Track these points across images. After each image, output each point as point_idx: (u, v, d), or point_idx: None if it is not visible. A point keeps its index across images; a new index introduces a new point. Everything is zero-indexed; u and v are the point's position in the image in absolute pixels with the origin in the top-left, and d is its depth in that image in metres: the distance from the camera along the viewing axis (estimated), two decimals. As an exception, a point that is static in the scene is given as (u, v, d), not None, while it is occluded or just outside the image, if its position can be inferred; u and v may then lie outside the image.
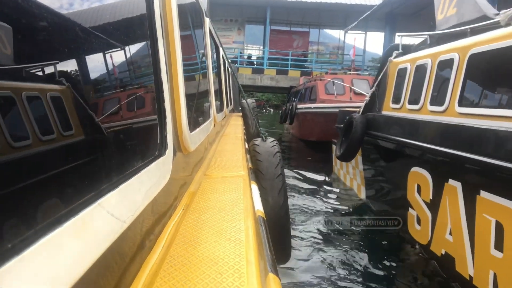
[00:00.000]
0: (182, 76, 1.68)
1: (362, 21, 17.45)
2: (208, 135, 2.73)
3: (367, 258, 4.22)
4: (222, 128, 4.64)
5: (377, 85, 5.93)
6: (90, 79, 0.85)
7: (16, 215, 0.51)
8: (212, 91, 3.51)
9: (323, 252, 4.28)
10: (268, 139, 2.74)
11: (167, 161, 1.27)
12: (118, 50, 1.04)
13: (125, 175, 0.89)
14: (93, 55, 0.86)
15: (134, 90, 1.19)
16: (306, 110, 12.23)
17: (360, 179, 6.42)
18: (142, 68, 1.29)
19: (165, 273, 0.97)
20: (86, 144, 0.80)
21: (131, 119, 1.12)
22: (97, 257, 0.67)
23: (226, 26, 22.95)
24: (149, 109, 1.28)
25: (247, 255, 1.08)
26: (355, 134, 5.42)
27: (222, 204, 1.56)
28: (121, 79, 1.09)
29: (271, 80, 19.73)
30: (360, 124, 5.43)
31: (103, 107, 0.92)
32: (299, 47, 24.00)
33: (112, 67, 1.02)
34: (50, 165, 0.65)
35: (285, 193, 2.44)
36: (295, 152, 13.07)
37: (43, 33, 0.63)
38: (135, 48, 1.23)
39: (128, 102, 1.12)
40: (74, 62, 0.77)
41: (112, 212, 0.76)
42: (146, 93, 1.29)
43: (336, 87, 11.81)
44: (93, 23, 0.86)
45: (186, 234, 1.23)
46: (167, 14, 1.54)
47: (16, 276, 0.45)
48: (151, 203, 1.05)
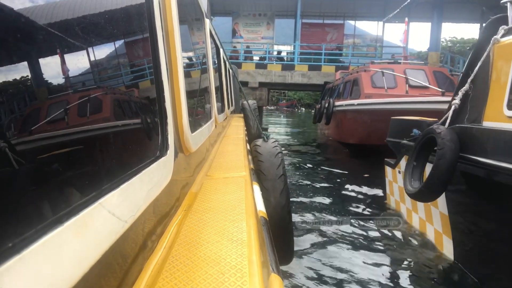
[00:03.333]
0: (183, 77, 1.68)
1: (404, 10, 15.06)
2: (209, 136, 2.73)
3: (373, 263, 4.04)
4: (223, 129, 4.64)
5: (472, 81, 3.90)
6: (90, 78, 0.85)
7: (16, 214, 0.51)
8: (213, 92, 3.52)
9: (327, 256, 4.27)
10: (270, 140, 2.74)
11: (168, 161, 1.27)
12: (118, 50, 1.04)
13: (126, 175, 0.89)
14: (95, 55, 0.86)
15: (134, 90, 1.19)
16: (347, 108, 10.29)
17: (441, 226, 4.18)
18: (143, 69, 1.28)
19: (168, 273, 0.97)
20: (88, 143, 0.80)
21: (132, 119, 1.12)
22: (99, 257, 0.67)
23: (255, 21, 22.02)
24: (150, 109, 1.28)
25: (250, 255, 1.07)
26: (443, 161, 3.40)
27: (224, 205, 1.55)
28: (121, 79, 1.09)
29: (303, 76, 18.07)
30: (451, 144, 3.43)
31: (104, 106, 0.92)
32: (333, 40, 22.23)
33: (113, 67, 1.02)
34: (51, 164, 0.64)
35: (288, 193, 2.43)
36: (336, 162, 10.36)
37: (42, 30, 0.63)
38: (135, 49, 1.23)
39: (129, 102, 1.12)
40: (77, 60, 0.77)
41: (114, 211, 0.75)
42: (147, 93, 1.29)
43: (386, 78, 9.41)
44: (98, 24, 0.86)
45: (188, 235, 1.22)
46: (167, 15, 1.55)
47: (16, 275, 0.45)
48: (152, 203, 1.05)
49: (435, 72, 10.01)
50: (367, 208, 6.04)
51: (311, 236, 4.76)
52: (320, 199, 6.55)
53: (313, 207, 6.08)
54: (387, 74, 9.47)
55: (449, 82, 9.56)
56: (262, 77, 18.21)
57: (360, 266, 4.01)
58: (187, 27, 2.29)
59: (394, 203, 5.71)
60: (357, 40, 23.19)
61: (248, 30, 22.24)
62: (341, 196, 6.81)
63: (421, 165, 4.06)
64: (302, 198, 6.50)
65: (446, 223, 4.07)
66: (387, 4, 19.60)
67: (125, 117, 1.06)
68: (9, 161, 0.52)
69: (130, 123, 1.10)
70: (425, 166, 4.05)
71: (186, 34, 2.24)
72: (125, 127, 1.03)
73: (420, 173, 4.05)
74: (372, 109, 8.80)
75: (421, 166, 4.06)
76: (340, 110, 10.92)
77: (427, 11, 16.47)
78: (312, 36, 21.98)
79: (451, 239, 4.00)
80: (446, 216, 4.03)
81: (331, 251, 4.37)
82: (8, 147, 0.55)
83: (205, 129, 2.47)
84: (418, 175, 4.03)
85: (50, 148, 0.65)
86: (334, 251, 4.38)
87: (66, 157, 0.70)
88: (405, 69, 9.95)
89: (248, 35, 22.13)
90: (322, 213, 5.82)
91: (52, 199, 0.62)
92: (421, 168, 4.07)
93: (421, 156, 4.06)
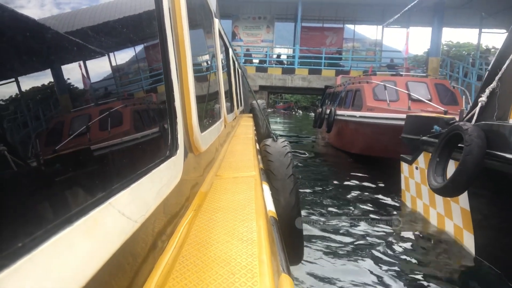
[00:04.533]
0: (192, 77, 1.68)
1: (404, 14, 15.04)
2: (219, 136, 2.73)
3: (390, 260, 4.03)
4: (232, 129, 4.64)
5: (500, 79, 3.99)
6: (100, 81, 0.85)
7: (26, 213, 0.51)
8: (222, 92, 3.51)
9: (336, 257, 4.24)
10: (279, 139, 2.72)
11: (178, 161, 1.26)
12: (128, 52, 1.03)
13: (136, 174, 0.89)
14: (105, 57, 0.86)
15: (144, 91, 1.19)
16: (349, 118, 10.36)
17: (461, 220, 4.30)
18: (153, 69, 1.28)
19: (178, 274, 0.97)
20: (97, 143, 0.80)
21: (142, 118, 1.12)
22: (109, 257, 0.66)
23: (255, 24, 22.15)
24: (160, 109, 1.28)
25: (260, 255, 1.06)
26: (470, 157, 3.47)
27: (234, 205, 1.55)
28: (132, 80, 1.09)
29: (303, 80, 18.32)
30: (478, 140, 3.49)
31: (115, 106, 0.92)
32: (333, 44, 22.48)
33: (127, 70, 1.02)
34: (61, 164, 0.64)
35: (297, 193, 2.42)
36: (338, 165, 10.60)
37: (52, 36, 0.63)
38: (145, 50, 1.23)
39: (139, 102, 1.12)
40: (93, 65, 0.77)
41: (124, 211, 0.75)
42: (157, 93, 1.29)
43: (388, 91, 9.41)
44: (112, 29, 0.86)
45: (198, 234, 1.22)
46: (176, 15, 1.54)
47: (25, 275, 0.44)
48: (162, 203, 1.05)
49: (437, 84, 10.07)
50: (377, 207, 6.10)
51: (320, 236, 4.74)
52: (327, 200, 6.56)
53: (320, 208, 6.07)
54: (389, 88, 9.51)
55: (450, 95, 9.74)
56: (263, 81, 18.33)
57: (374, 264, 4.01)
58: (196, 27, 2.29)
59: (410, 199, 5.72)
60: (356, 44, 23.42)
61: (248, 33, 22.32)
62: (348, 197, 6.85)
63: (444, 161, 4.15)
64: (308, 199, 6.48)
65: (467, 218, 4.12)
66: (386, 9, 19.87)
67: (135, 117, 1.06)
68: (19, 161, 0.52)
69: (140, 123, 1.09)
70: (448, 162, 4.15)
71: (195, 34, 2.24)
72: (134, 127, 1.03)
73: (443, 169, 4.16)
74: (374, 123, 8.90)
75: (444, 162, 4.16)
76: (342, 120, 11.00)
77: (427, 16, 16.67)
78: (311, 39, 22.23)
79: (472, 234, 4.05)
80: (468, 211, 4.09)
81: (342, 249, 4.35)
82: (19, 147, 0.55)
83: (214, 128, 2.46)
84: (441, 170, 4.14)
85: (60, 148, 0.65)
86: (345, 249, 4.36)
87: (76, 157, 0.70)
88: (407, 81, 10.01)
89: (248, 38, 22.24)
90: (330, 213, 5.82)
91: (62, 198, 0.62)
92: (444, 164, 4.17)
93: (445, 152, 4.16)
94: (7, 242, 0.44)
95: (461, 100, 9.55)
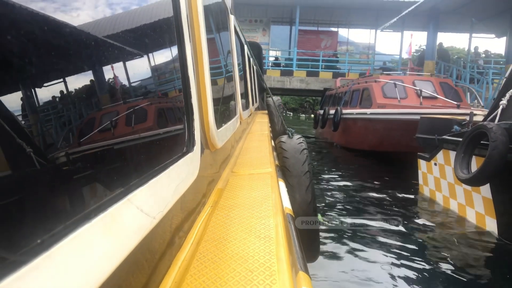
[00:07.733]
0: (209, 74, 1.67)
1: (400, 19, 15.64)
2: (234, 132, 2.72)
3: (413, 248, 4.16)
4: (248, 126, 4.63)
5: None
6: (122, 81, 0.85)
7: (45, 210, 0.50)
8: (238, 89, 3.51)
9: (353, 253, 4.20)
10: (295, 136, 2.70)
11: (195, 157, 1.26)
12: (143, 55, 1.03)
13: (154, 171, 0.89)
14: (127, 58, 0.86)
15: (162, 89, 1.19)
16: (358, 116, 10.65)
17: (483, 208, 4.89)
18: (171, 68, 1.28)
19: (195, 270, 0.96)
20: (119, 140, 0.80)
21: (159, 116, 1.12)
22: (127, 254, 0.66)
23: (251, 27, 22.32)
24: (177, 106, 1.28)
25: (278, 252, 1.05)
26: (496, 151, 4.03)
27: (250, 201, 1.54)
28: (151, 79, 1.09)
29: (301, 82, 18.56)
30: (503, 137, 4.05)
31: (134, 103, 0.92)
32: (328, 47, 22.99)
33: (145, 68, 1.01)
34: (80, 161, 0.64)
35: (313, 190, 2.40)
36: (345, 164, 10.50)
37: (66, 42, 0.62)
38: (163, 50, 1.22)
39: (157, 99, 1.12)
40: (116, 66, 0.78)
41: (142, 208, 0.75)
42: (174, 90, 1.28)
43: (398, 89, 9.81)
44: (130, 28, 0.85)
45: (215, 231, 1.21)
46: (193, 12, 1.54)
47: (45, 272, 0.44)
48: (180, 200, 1.04)
49: (442, 83, 10.48)
50: (394, 200, 6.30)
51: (336, 231, 4.73)
52: (341, 197, 6.59)
53: (334, 204, 6.06)
54: (399, 86, 9.91)
55: (454, 92, 10.14)
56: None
57: (398, 254, 4.15)
58: (212, 24, 2.28)
59: (429, 192, 6.34)
60: (350, 47, 23.96)
61: (244, 36, 22.29)
62: (361, 192, 6.93)
63: (468, 155, 4.80)
64: (322, 197, 6.45)
65: (489, 205, 4.75)
66: (380, 13, 20.20)
67: (154, 115, 1.06)
68: (39, 158, 0.51)
69: (158, 120, 1.09)
70: (472, 157, 4.79)
71: (212, 31, 2.23)
72: (154, 124, 1.03)
73: (467, 162, 4.79)
74: (387, 119, 9.24)
75: (468, 157, 4.80)
76: (350, 118, 11.29)
77: (420, 21, 16.80)
78: (307, 42, 22.43)
79: (494, 219, 4.67)
80: (489, 199, 4.70)
81: (359, 243, 4.34)
82: (41, 145, 0.55)
83: (230, 125, 2.46)
84: (465, 164, 4.78)
85: (83, 145, 0.65)
86: (363, 243, 4.36)
87: (98, 154, 0.70)
88: (413, 80, 10.49)
89: (244, 41, 22.38)
90: (345, 210, 5.81)
91: (81, 195, 0.62)
92: (468, 158, 4.80)
93: (469, 148, 4.79)
94: (26, 239, 0.44)
95: (464, 97, 10.35)
